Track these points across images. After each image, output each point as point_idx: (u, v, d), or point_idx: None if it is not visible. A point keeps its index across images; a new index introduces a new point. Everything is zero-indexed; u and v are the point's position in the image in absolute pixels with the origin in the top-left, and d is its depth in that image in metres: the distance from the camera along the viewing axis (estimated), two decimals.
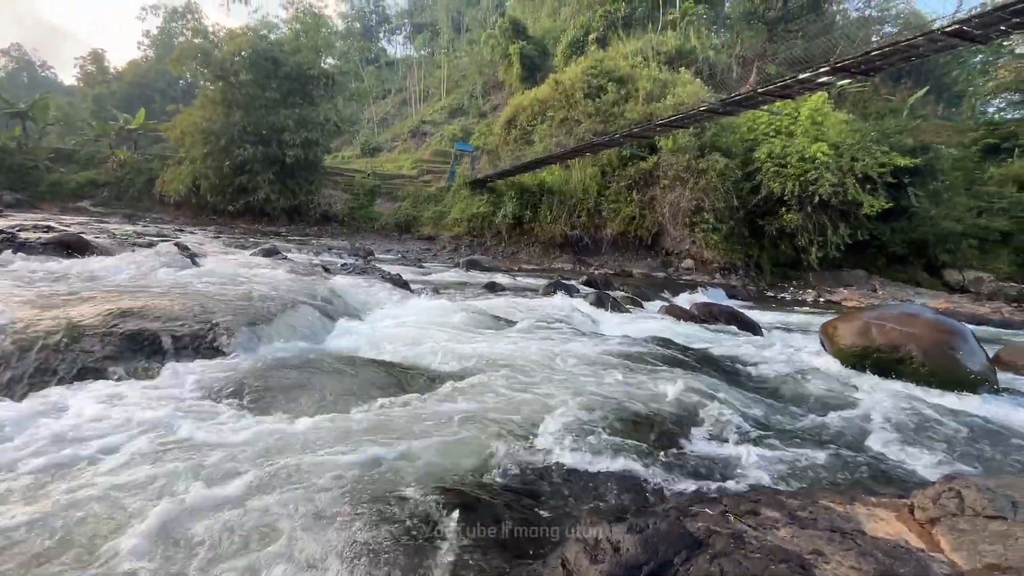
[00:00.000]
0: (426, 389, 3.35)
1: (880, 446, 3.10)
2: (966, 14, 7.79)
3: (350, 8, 67.18)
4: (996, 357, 6.92)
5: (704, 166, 18.70)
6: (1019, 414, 4.35)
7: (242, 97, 26.33)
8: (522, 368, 3.96)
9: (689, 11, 29.76)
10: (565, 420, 2.88)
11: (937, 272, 19.23)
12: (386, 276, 9.44)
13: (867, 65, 9.09)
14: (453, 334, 5.10)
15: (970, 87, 30.54)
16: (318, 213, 27.75)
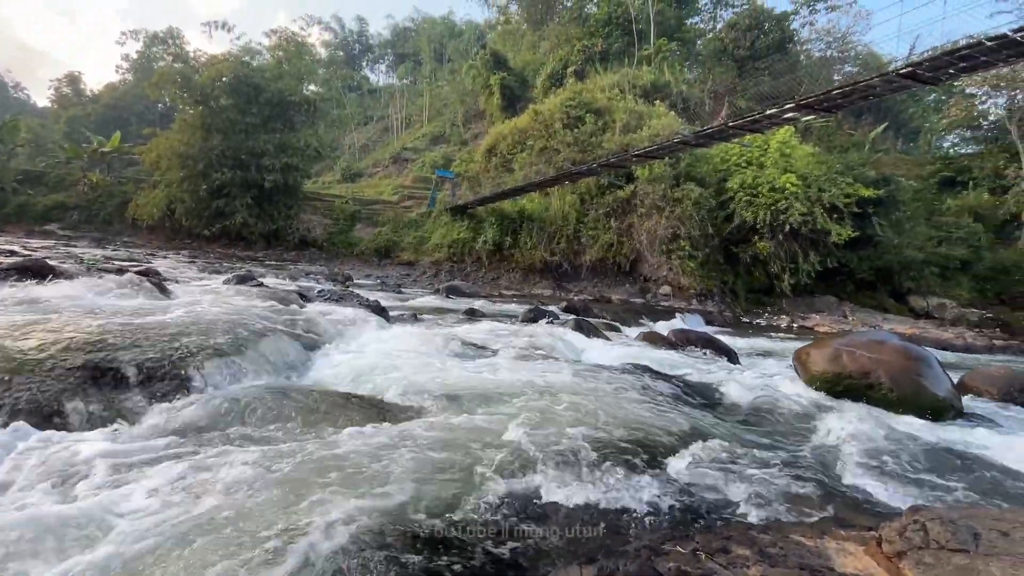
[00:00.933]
0: (402, 422, 3.28)
1: (851, 475, 3.14)
2: (918, 57, 8.31)
3: (334, 37, 68.26)
4: (961, 382, 7.13)
5: (679, 195, 19.21)
6: (983, 439, 4.47)
7: (222, 122, 26.25)
8: (500, 398, 3.93)
9: (663, 47, 31.03)
10: (543, 452, 2.85)
11: (903, 298, 19.91)
12: (364, 303, 9.33)
13: (829, 103, 9.60)
14: (430, 364, 5.04)
15: (926, 123, 32.37)
16: (296, 238, 27.49)
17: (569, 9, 41.67)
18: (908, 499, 2.84)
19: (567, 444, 2.97)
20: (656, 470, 2.86)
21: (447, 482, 2.47)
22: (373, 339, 6.37)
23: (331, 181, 44.49)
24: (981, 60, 7.74)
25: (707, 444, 3.31)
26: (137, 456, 2.51)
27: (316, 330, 5.95)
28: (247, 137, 26.33)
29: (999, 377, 7.08)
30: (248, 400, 3.34)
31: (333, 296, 9.95)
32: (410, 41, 64.95)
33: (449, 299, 16.24)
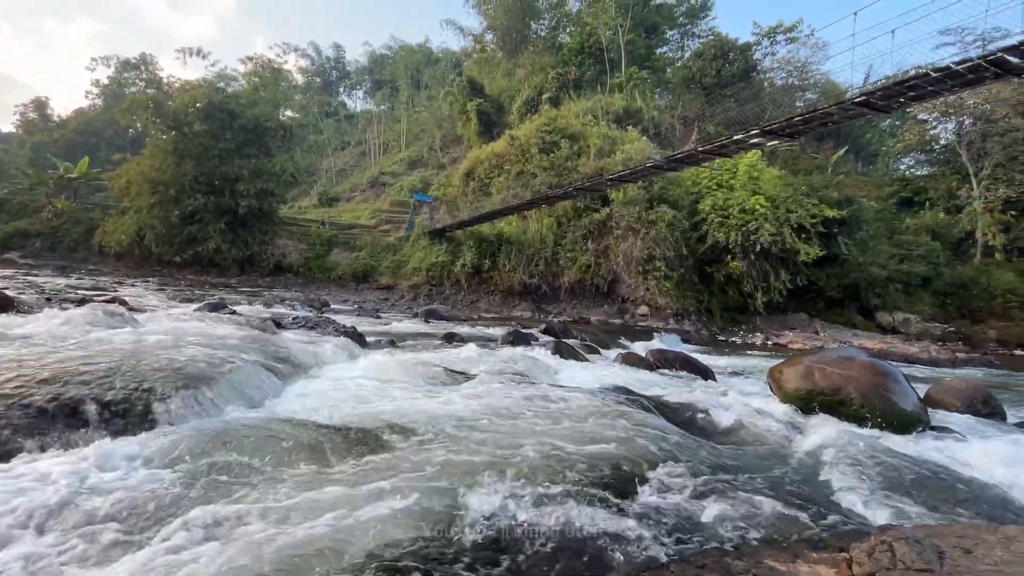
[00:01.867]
0: (377, 453, 3.21)
1: (824, 493, 3.19)
2: (871, 87, 8.79)
3: (311, 64, 68.64)
4: (927, 395, 7.35)
5: (654, 217, 19.66)
6: (949, 451, 4.60)
7: (195, 147, 25.96)
8: (478, 425, 3.88)
9: (634, 75, 32.12)
10: (521, 480, 2.82)
11: (870, 314, 20.58)
12: (340, 329, 9.19)
13: (791, 129, 10.05)
14: (409, 391, 4.97)
15: (883, 147, 34.06)
16: (271, 263, 27.06)
17: (543, 38, 42.98)
18: (880, 517, 2.89)
19: (542, 475, 2.95)
20: (632, 497, 2.85)
21: (422, 514, 2.41)
22: (349, 367, 6.27)
23: (308, 206, 44.17)
24: (928, 90, 8.25)
25: (683, 467, 3.32)
26: (89, 496, 2.39)
27: (289, 359, 5.83)
28: (221, 162, 26.05)
29: (962, 390, 7.32)
30: (214, 435, 3.23)
31: (308, 323, 9.78)
32: (387, 68, 65.76)
33: (428, 323, 16.11)
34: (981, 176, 23.86)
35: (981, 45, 19.55)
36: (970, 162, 24.27)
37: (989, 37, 19.20)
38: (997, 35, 18.71)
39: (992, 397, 7.25)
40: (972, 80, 7.97)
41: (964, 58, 7.41)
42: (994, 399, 7.21)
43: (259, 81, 32.60)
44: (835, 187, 22.20)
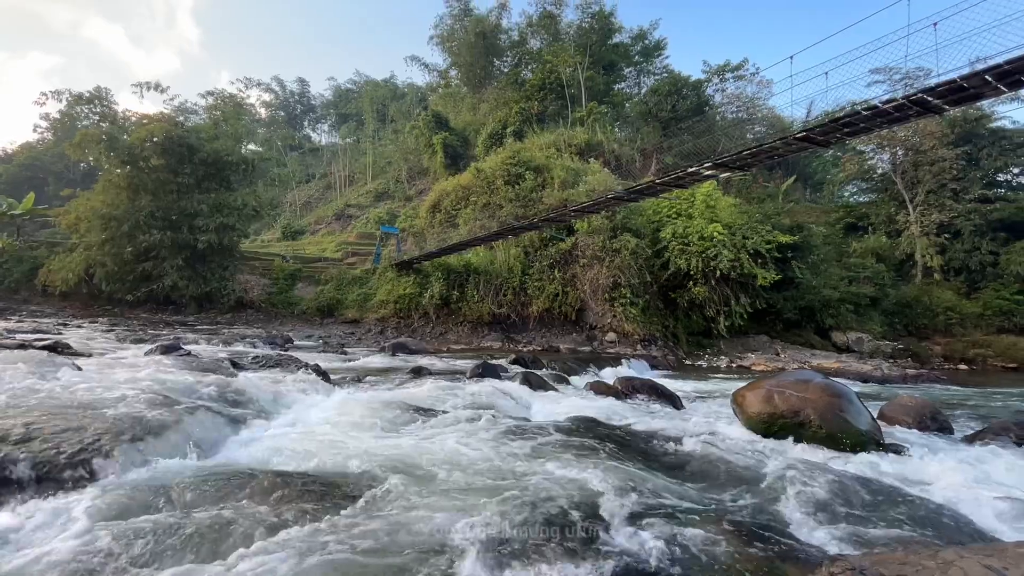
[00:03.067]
0: (338, 504, 3.09)
1: (785, 521, 3.25)
2: (811, 124, 9.43)
3: (275, 98, 68.46)
4: (880, 413, 7.66)
5: (618, 246, 20.16)
6: (901, 470, 4.77)
7: (151, 182, 25.23)
8: (445, 469, 3.80)
9: (594, 110, 33.42)
10: (485, 528, 2.76)
11: (826, 334, 21.44)
12: (303, 367, 8.91)
13: (741, 161, 10.63)
14: (373, 432, 4.83)
15: (827, 176, 36.25)
16: (232, 299, 26.17)
17: (506, 74, 44.39)
18: (834, 544, 2.96)
19: (512, 518, 2.90)
20: (601, 535, 2.83)
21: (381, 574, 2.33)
22: (311, 408, 6.06)
23: (271, 239, 43.30)
24: (861, 126, 8.92)
25: (648, 501, 3.33)
26: (11, 561, 2.21)
27: (247, 402, 5.61)
28: (179, 197, 25.36)
29: (912, 407, 7.66)
30: (157, 490, 3.05)
31: (269, 362, 9.45)
32: (353, 102, 66.25)
33: (396, 357, 15.80)
34: (916, 202, 25.62)
35: (907, 84, 21.36)
36: (905, 189, 26.07)
37: (914, 75, 21.00)
38: (920, 74, 20.49)
39: (940, 413, 7.60)
40: (898, 117, 8.68)
41: (890, 98, 8.09)
42: (941, 415, 7.56)
43: (221, 115, 32.13)
44: (786, 214, 23.39)
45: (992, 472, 4.89)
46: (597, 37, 39.81)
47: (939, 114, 8.88)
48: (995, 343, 20.94)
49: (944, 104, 8.12)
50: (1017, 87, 7.64)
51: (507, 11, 44.19)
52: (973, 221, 24.33)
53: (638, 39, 43.22)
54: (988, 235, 24.37)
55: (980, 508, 3.79)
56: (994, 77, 7.12)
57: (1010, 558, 1.71)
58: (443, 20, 45.22)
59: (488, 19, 43.85)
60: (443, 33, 45.74)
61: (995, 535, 3.28)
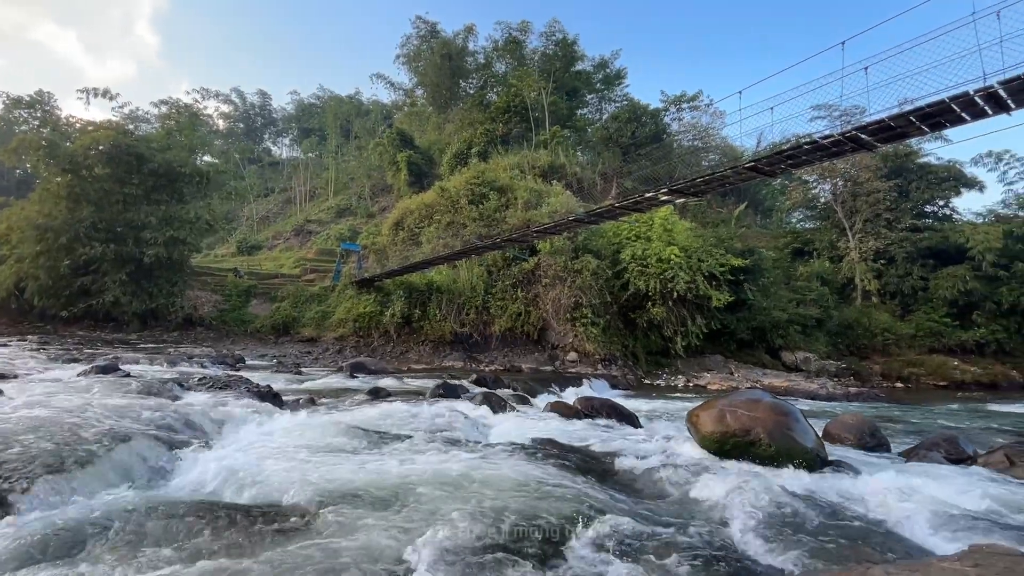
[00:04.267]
0: (275, 534, 2.94)
1: (731, 544, 3.33)
2: (758, 155, 9.99)
3: (234, 109, 66.73)
4: (825, 431, 8.00)
5: (579, 266, 20.52)
6: (843, 487, 4.97)
7: (94, 192, 23.92)
8: (397, 494, 3.70)
9: (557, 134, 34.24)
10: (432, 553, 2.70)
11: (776, 354, 22.35)
12: (253, 389, 8.55)
13: (695, 188, 11.12)
14: (324, 459, 4.66)
15: (776, 203, 38.28)
16: (180, 317, 24.92)
17: (471, 96, 44.99)
18: (779, 562, 3.05)
19: (460, 545, 2.84)
20: (555, 561, 2.82)
21: None
22: (259, 432, 5.80)
23: (226, 254, 41.72)
24: (802, 158, 9.54)
25: (604, 524, 3.34)
26: None
27: (190, 427, 5.32)
28: (125, 208, 24.13)
29: (853, 425, 8.04)
30: (80, 526, 2.82)
31: (217, 383, 9.02)
32: (316, 117, 65.41)
33: (354, 378, 15.38)
34: (855, 230, 27.36)
35: (845, 121, 22.97)
36: (845, 218, 27.82)
37: (851, 113, 22.61)
38: (857, 112, 22.08)
39: (878, 430, 8.01)
40: (835, 151, 9.33)
41: (828, 134, 8.70)
42: (880, 432, 7.97)
43: (175, 125, 30.99)
44: (739, 239, 24.47)
45: (925, 487, 5.15)
46: (561, 64, 41.06)
47: (871, 150, 9.60)
48: (927, 362, 22.39)
49: (875, 141, 8.79)
50: (937, 128, 8.38)
51: (474, 35, 45.03)
52: (905, 248, 26.17)
53: (600, 67, 44.84)
54: (918, 261, 26.23)
55: (914, 523, 4.00)
56: (917, 118, 7.79)
57: (933, 572, 1.81)
58: (410, 40, 45.60)
59: (455, 42, 44.52)
60: (409, 53, 46.07)
61: (927, 549, 3.46)
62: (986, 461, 6.15)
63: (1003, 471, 5.75)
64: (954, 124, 8.04)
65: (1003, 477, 5.55)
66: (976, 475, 5.56)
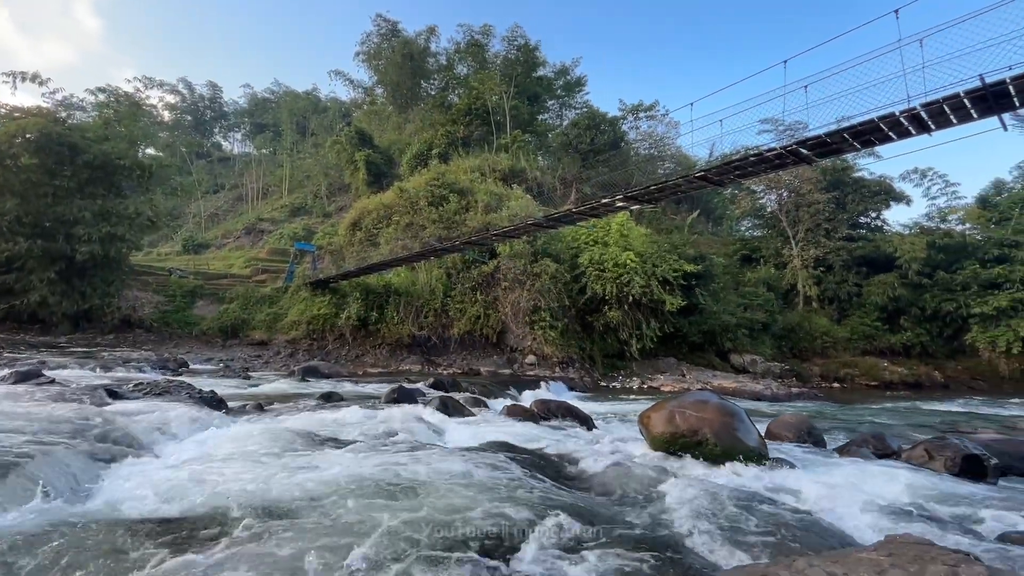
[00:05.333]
0: (210, 550, 2.80)
1: (676, 540, 3.43)
2: (709, 164, 10.41)
3: (181, 101, 63.35)
4: (767, 430, 8.39)
5: (538, 270, 20.71)
6: (782, 483, 5.22)
7: (19, 183, 22.13)
8: (340, 501, 3.60)
9: (518, 138, 34.48)
10: (376, 559, 2.64)
11: (726, 357, 23.27)
12: (195, 395, 8.14)
13: (649, 196, 11.47)
14: (267, 467, 4.48)
15: (726, 211, 39.91)
16: (117, 318, 23.41)
17: (433, 97, 44.66)
18: (719, 557, 3.18)
19: (400, 552, 2.80)
20: (496, 567, 2.82)
21: None
22: (199, 440, 5.52)
23: (169, 252, 39.55)
24: (748, 169, 10.03)
25: (555, 525, 3.37)
26: None
27: (121, 437, 4.99)
28: (55, 202, 22.45)
29: (793, 423, 8.48)
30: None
31: (156, 389, 8.53)
32: (270, 112, 63.12)
33: (306, 382, 14.93)
34: (797, 238, 28.91)
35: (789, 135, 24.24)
36: (788, 227, 29.35)
37: (795, 128, 23.86)
38: (800, 127, 23.35)
39: (815, 428, 8.47)
40: (778, 164, 9.86)
41: (772, 147, 9.19)
42: (816, 430, 8.43)
43: (113, 114, 29.08)
44: (691, 245, 25.37)
45: (855, 481, 5.49)
46: (522, 69, 41.40)
47: (810, 163, 10.20)
48: (860, 364, 23.91)
49: (814, 155, 9.35)
50: (868, 145, 9.00)
51: (436, 36, 44.76)
52: (842, 257, 27.89)
53: (561, 74, 45.49)
54: (853, 269, 28.01)
55: (842, 515, 4.25)
56: (850, 135, 8.34)
57: (851, 563, 1.94)
58: (370, 38, 44.84)
59: (416, 42, 44.10)
60: (370, 50, 45.27)
61: (853, 539, 3.68)
62: (909, 456, 6.60)
63: (923, 465, 6.20)
64: (882, 142, 8.66)
65: (923, 470, 5.99)
66: (899, 469, 5.97)
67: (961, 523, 4.21)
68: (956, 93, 7.21)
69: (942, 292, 26.23)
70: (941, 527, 3.94)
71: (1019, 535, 3.91)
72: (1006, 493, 5.40)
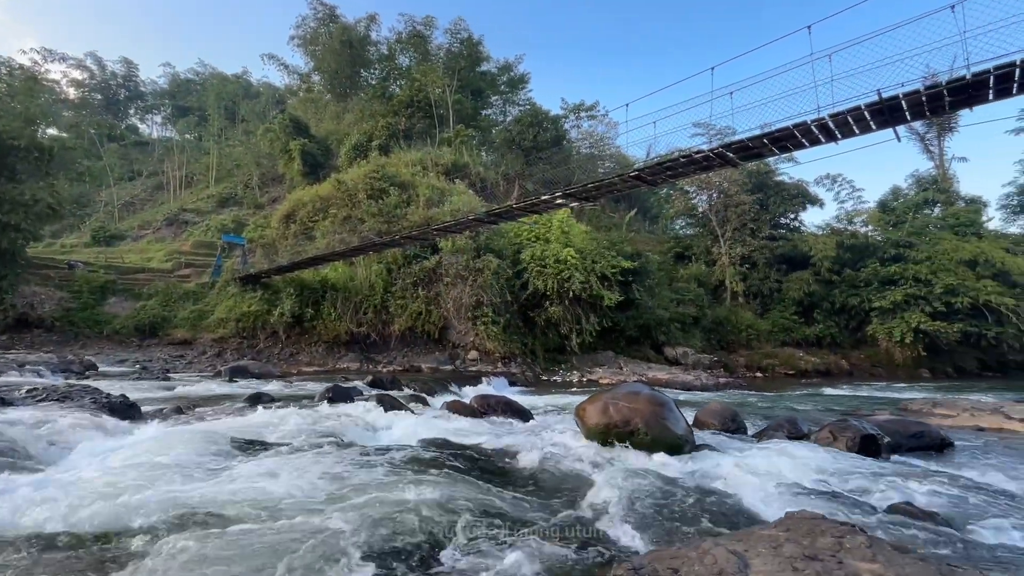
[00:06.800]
0: (114, 571, 2.58)
1: (606, 525, 3.55)
2: (643, 164, 10.80)
3: (89, 77, 57.48)
4: (695, 419, 8.85)
5: (481, 265, 20.66)
6: (705, 467, 5.51)
7: None
8: (264, 510, 3.42)
9: (461, 133, 34.15)
10: (300, 567, 2.53)
11: (660, 349, 24.32)
12: (102, 400, 7.45)
13: (587, 194, 11.76)
14: (181, 476, 4.18)
15: (661, 210, 41.63)
16: (12, 316, 21.01)
17: (374, 87, 43.29)
18: (640, 542, 3.31)
19: (330, 559, 2.70)
20: (432, 562, 2.79)
21: None
22: (103, 449, 5.05)
23: (76, 244, 35.91)
24: (679, 170, 10.52)
25: (484, 521, 3.38)
26: None
27: (5, 448, 4.47)
28: None
29: (718, 412, 8.99)
30: None
31: (54, 394, 7.74)
32: (195, 94, 58.72)
33: (233, 383, 14.11)
34: (725, 237, 30.68)
35: (720, 138, 25.61)
36: (718, 226, 31.09)
37: (725, 132, 25.22)
38: (729, 131, 24.72)
39: (737, 415, 9.01)
40: (707, 165, 10.42)
41: (700, 149, 9.68)
42: (739, 417, 8.98)
43: (7, 89, 25.98)
44: (629, 243, 26.25)
45: (768, 463, 5.90)
46: (466, 63, 41.00)
47: (735, 166, 10.84)
48: (780, 355, 25.79)
49: (738, 158, 9.95)
50: (785, 150, 9.70)
51: (376, 24, 43.35)
52: (764, 255, 29.91)
53: (504, 70, 45.48)
54: (775, 266, 30.13)
55: (756, 495, 4.55)
56: (768, 141, 8.95)
57: (753, 541, 2.08)
58: (306, 21, 42.71)
59: (356, 29, 42.51)
60: (306, 35, 43.14)
61: (762, 517, 3.96)
62: (816, 437, 7.19)
63: (827, 445, 6.78)
64: (797, 148, 9.35)
65: (827, 450, 6.54)
66: (808, 450, 6.48)
67: (857, 497, 4.64)
68: (858, 106, 7.90)
69: (849, 288, 28.79)
70: (839, 502, 4.32)
71: (904, 505, 4.36)
72: (896, 468, 6.00)
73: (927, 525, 3.81)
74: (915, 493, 4.91)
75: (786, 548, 1.97)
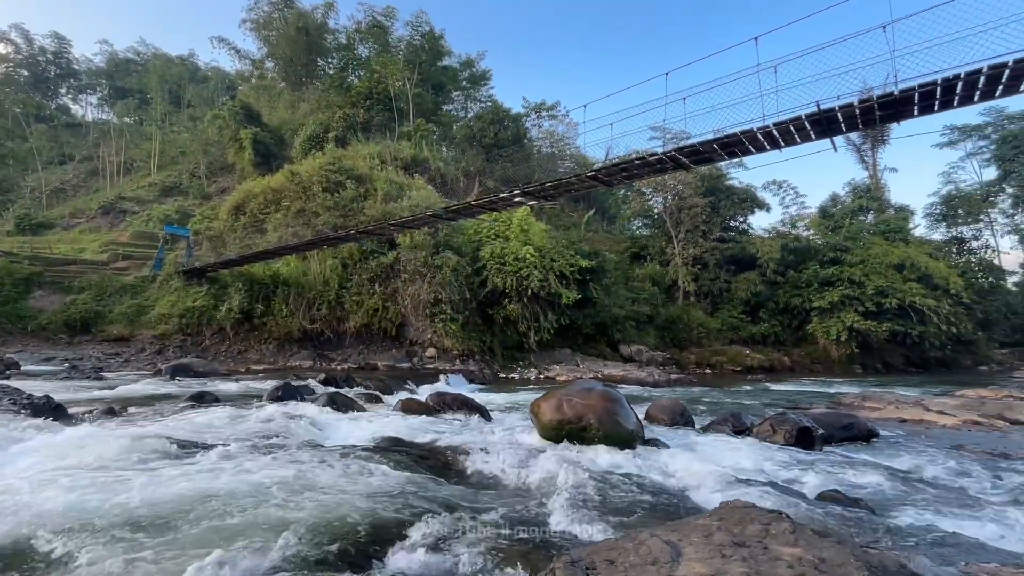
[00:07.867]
0: None
1: (554, 519, 3.60)
2: (600, 165, 10.99)
3: (14, 52, 52.91)
4: (647, 414, 9.11)
5: (439, 262, 20.47)
6: (653, 461, 5.68)
7: None
8: (198, 516, 3.26)
9: (421, 127, 33.67)
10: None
11: (616, 347, 24.87)
12: (22, 401, 6.92)
13: (545, 192, 11.87)
14: (106, 481, 3.92)
15: (619, 211, 42.53)
16: None
17: (331, 77, 42.02)
18: (586, 534, 3.38)
19: (255, 566, 2.61)
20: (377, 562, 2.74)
21: None
22: (18, 454, 4.67)
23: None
24: (635, 172, 10.78)
25: (433, 520, 3.35)
26: None
27: None
28: None
29: (668, 407, 9.28)
30: None
31: None
32: (135, 76, 55.11)
33: (175, 382, 13.41)
34: (679, 238, 31.69)
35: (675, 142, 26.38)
36: (672, 227, 32.07)
37: (681, 136, 26.01)
38: (685, 135, 25.51)
39: (686, 410, 9.33)
40: (661, 168, 10.74)
41: (654, 152, 9.96)
42: (688, 412, 9.30)
43: None
44: (586, 242, 26.70)
45: (712, 456, 6.16)
46: (427, 56, 40.44)
47: (688, 169, 11.21)
48: (728, 352, 26.91)
49: (690, 162, 10.30)
50: (733, 155, 10.12)
51: (335, 12, 42.10)
52: (715, 256, 31.12)
53: (466, 66, 45.18)
54: (724, 267, 31.40)
55: (698, 486, 4.74)
56: (718, 146, 9.32)
57: (687, 530, 2.17)
58: (259, 5, 41.01)
59: (312, 15, 41.12)
60: (259, 19, 41.41)
61: (702, 507, 4.13)
62: (758, 431, 7.55)
63: (767, 438, 7.13)
64: (744, 154, 9.77)
65: (766, 443, 6.89)
66: (749, 443, 6.80)
67: (790, 486, 4.90)
68: (799, 116, 8.34)
69: (792, 288, 30.39)
70: (774, 491, 4.55)
71: (832, 493, 4.65)
72: (828, 458, 6.39)
73: (852, 510, 4.08)
74: (843, 481, 5.25)
75: (716, 536, 2.06)
